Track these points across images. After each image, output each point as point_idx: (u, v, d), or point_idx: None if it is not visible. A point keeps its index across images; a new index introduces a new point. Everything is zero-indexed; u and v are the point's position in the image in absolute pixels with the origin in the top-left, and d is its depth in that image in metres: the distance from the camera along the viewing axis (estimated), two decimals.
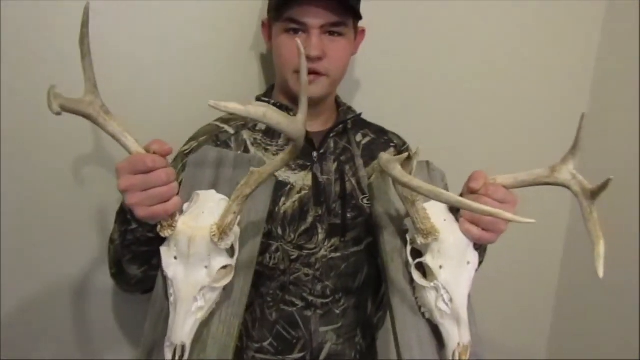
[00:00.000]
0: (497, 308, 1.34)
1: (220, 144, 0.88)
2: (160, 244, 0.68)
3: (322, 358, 0.89)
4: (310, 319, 0.89)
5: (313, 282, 0.88)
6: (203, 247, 0.64)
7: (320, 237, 0.88)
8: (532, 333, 1.45)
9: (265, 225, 0.84)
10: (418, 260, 0.70)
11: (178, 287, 0.64)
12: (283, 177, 0.88)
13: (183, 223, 0.66)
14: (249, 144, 0.90)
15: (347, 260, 0.90)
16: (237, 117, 0.93)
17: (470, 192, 0.71)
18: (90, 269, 1.04)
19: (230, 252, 0.68)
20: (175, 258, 0.65)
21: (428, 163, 0.85)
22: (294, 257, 0.88)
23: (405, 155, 0.64)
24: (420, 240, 0.68)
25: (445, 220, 0.70)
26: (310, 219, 0.88)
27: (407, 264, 0.73)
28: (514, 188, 0.71)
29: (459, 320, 0.65)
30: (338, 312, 0.90)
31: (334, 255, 0.89)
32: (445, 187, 0.84)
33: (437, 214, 0.70)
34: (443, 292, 0.67)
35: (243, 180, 0.64)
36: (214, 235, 0.63)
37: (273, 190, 0.77)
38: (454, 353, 0.66)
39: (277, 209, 0.86)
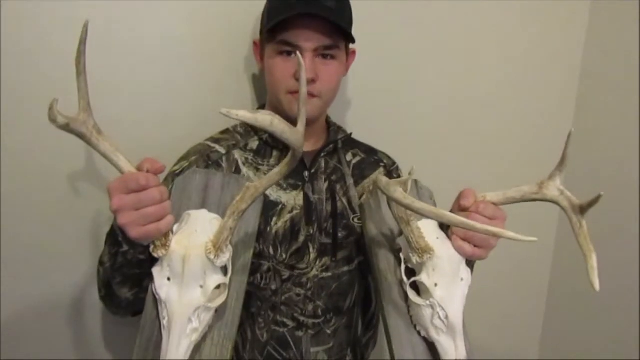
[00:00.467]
0: (488, 316, 1.37)
1: (212, 164, 0.88)
2: (152, 266, 0.66)
3: None
4: (302, 340, 0.88)
5: (304, 302, 0.88)
6: (198, 265, 0.63)
7: (312, 256, 0.88)
8: (523, 341, 1.48)
9: (257, 245, 0.84)
10: (413, 279, 0.70)
11: (172, 308, 0.63)
12: (274, 197, 0.88)
13: (176, 242, 0.65)
14: (240, 164, 0.89)
15: (338, 280, 0.90)
16: (227, 137, 0.93)
17: (461, 209, 0.72)
18: (86, 283, 1.04)
19: (224, 270, 0.67)
20: (169, 279, 0.64)
21: (416, 182, 0.87)
22: (286, 277, 0.87)
23: (408, 179, 0.65)
24: (416, 259, 0.69)
25: (438, 238, 0.71)
26: (302, 239, 0.88)
27: (401, 283, 0.73)
28: (503, 205, 0.73)
29: (455, 336, 0.66)
30: (329, 332, 0.89)
31: (325, 275, 0.89)
32: (434, 204, 0.85)
33: (429, 233, 0.71)
34: (439, 309, 0.67)
35: (239, 196, 0.63)
36: (210, 252, 0.62)
37: (264, 210, 0.77)
38: None
39: (268, 229, 0.86)
